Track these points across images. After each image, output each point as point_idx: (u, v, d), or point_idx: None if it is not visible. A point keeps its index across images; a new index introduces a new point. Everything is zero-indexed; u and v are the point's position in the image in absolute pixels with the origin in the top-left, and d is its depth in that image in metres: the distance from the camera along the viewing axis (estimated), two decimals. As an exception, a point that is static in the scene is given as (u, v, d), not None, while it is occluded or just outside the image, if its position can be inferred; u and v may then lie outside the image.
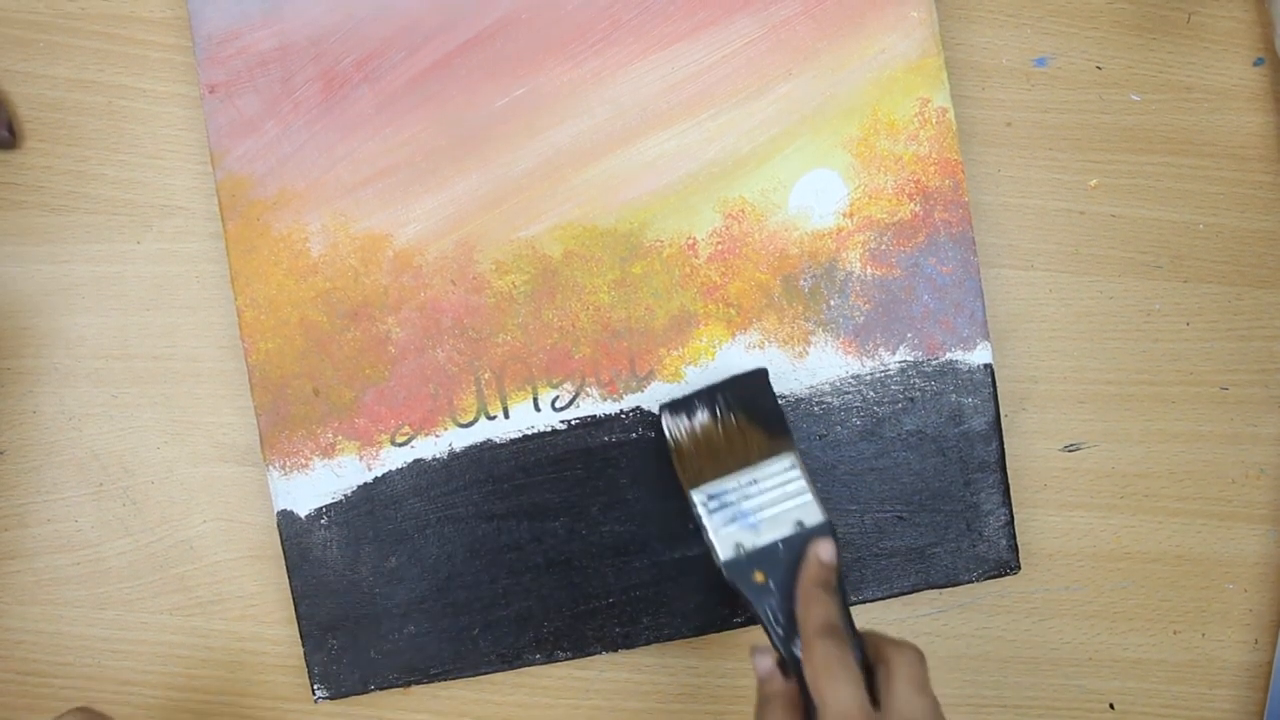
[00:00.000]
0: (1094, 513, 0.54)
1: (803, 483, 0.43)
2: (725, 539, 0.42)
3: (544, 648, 0.51)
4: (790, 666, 0.40)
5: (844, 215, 0.51)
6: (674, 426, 0.46)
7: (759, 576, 0.41)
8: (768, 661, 0.40)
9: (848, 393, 0.51)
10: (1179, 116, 0.55)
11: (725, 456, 0.44)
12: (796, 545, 0.42)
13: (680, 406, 0.46)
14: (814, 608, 0.39)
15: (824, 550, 0.41)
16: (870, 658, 0.39)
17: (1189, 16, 0.55)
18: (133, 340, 0.53)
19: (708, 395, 0.46)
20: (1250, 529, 0.55)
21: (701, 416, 0.46)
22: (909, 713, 0.37)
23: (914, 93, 0.51)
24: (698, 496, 0.43)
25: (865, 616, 0.54)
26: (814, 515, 0.42)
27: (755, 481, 0.43)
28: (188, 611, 0.53)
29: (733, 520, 0.43)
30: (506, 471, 0.51)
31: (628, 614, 0.51)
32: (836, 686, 0.36)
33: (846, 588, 0.41)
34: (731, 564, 0.42)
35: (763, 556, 0.42)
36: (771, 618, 0.41)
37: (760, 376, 0.47)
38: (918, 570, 0.51)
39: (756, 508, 0.43)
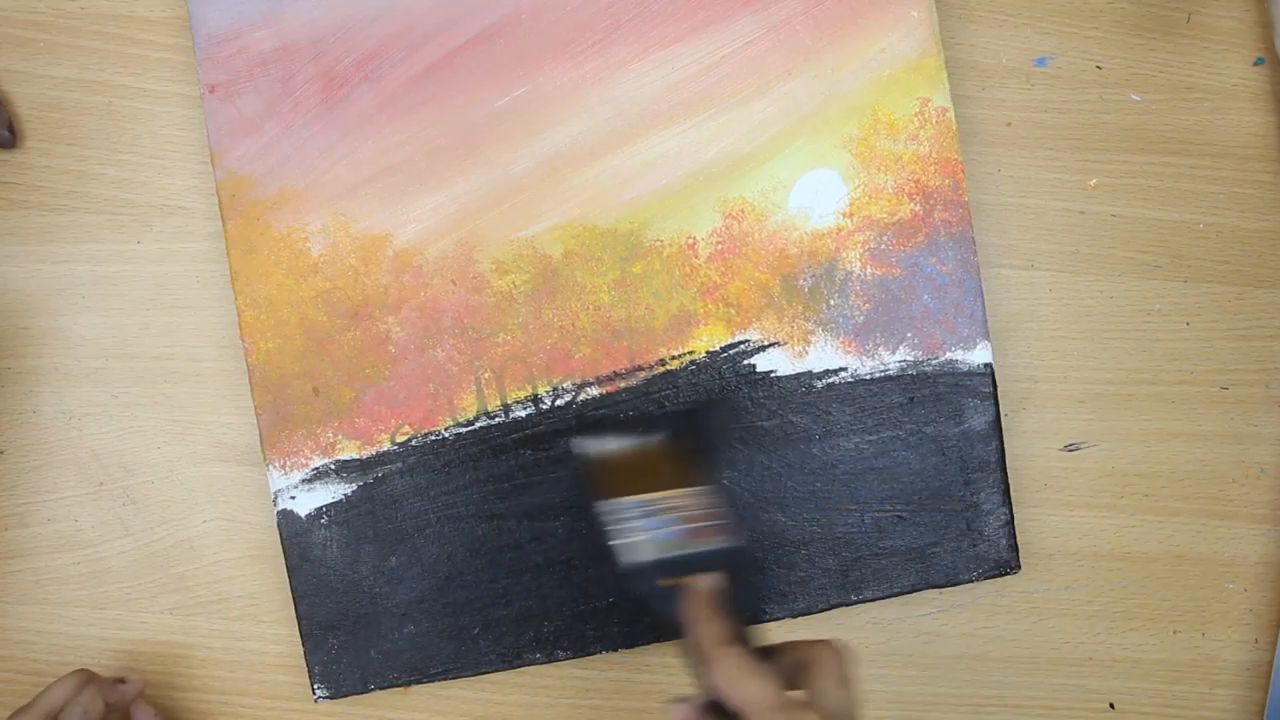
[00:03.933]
0: (1094, 513, 0.54)
1: (718, 511, 0.44)
2: (631, 548, 0.43)
3: (544, 647, 0.51)
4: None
5: (844, 215, 0.51)
6: (590, 445, 0.48)
7: (667, 581, 0.42)
8: (688, 706, 0.40)
9: (848, 392, 0.51)
10: (1179, 116, 0.55)
11: (640, 479, 0.45)
12: (698, 565, 0.42)
13: (600, 427, 0.48)
14: (706, 626, 0.40)
15: (705, 580, 0.42)
16: (792, 663, 0.39)
17: (1189, 16, 0.55)
18: (133, 340, 0.53)
19: (633, 422, 0.48)
20: (1250, 529, 0.55)
21: (619, 440, 0.48)
22: (829, 704, 0.37)
23: (914, 92, 0.51)
24: (607, 507, 0.44)
25: (865, 616, 0.54)
26: (713, 543, 0.43)
27: (675, 502, 0.44)
28: (188, 611, 0.53)
29: (643, 533, 0.43)
30: (506, 471, 0.51)
31: (628, 614, 0.51)
32: (748, 684, 0.37)
33: (744, 609, 0.41)
34: (634, 570, 0.43)
35: (670, 566, 0.43)
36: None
37: (708, 410, 0.49)
38: (918, 570, 0.51)
39: (666, 524, 0.44)
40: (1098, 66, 0.54)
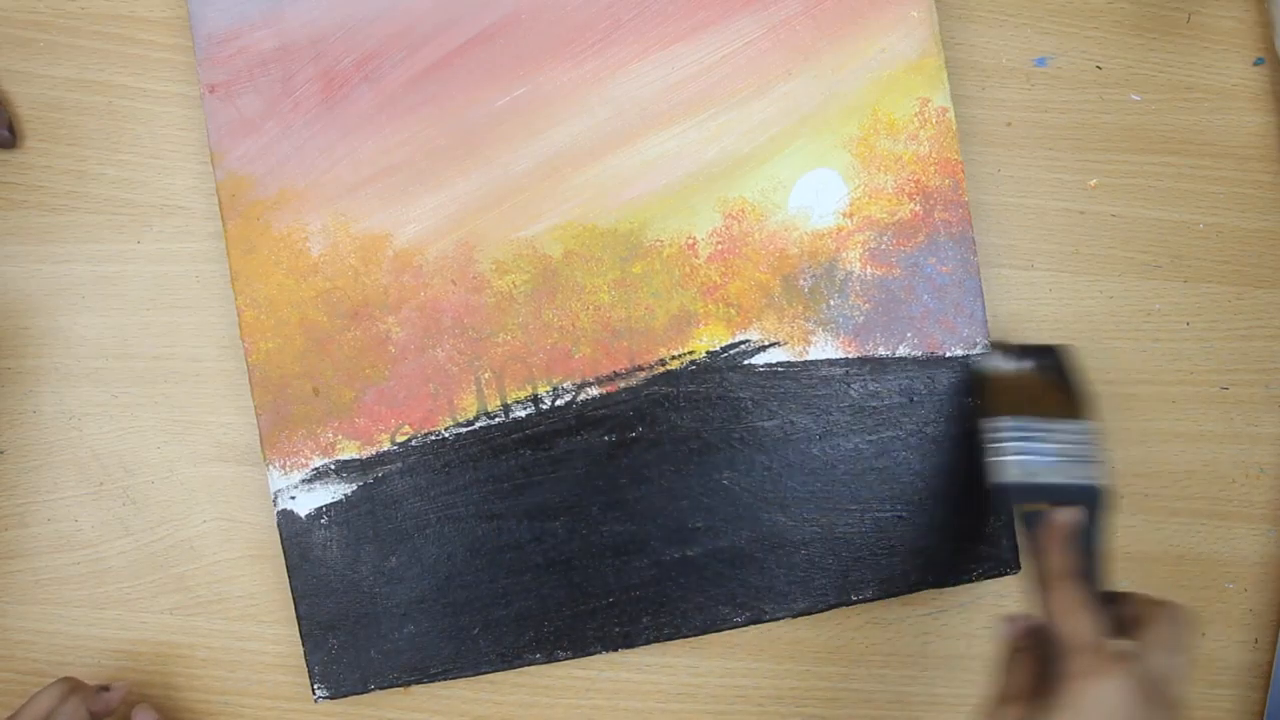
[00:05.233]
0: (1094, 513, 0.54)
1: (1094, 449, 0.45)
2: (1002, 466, 0.45)
3: (544, 647, 0.51)
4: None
5: (844, 215, 0.51)
6: (999, 361, 0.50)
7: (1030, 507, 0.44)
8: (1018, 624, 0.43)
9: (847, 392, 0.51)
10: (1179, 116, 0.55)
11: (1035, 403, 0.47)
12: (1065, 497, 0.44)
13: (1007, 349, 0.50)
14: (1056, 556, 0.42)
15: (1066, 513, 0.43)
16: (1131, 615, 0.41)
17: (1189, 16, 0.55)
18: (133, 340, 0.53)
19: (1033, 350, 0.50)
20: (1250, 529, 0.55)
21: (1025, 363, 0.50)
22: (1152, 664, 0.38)
23: (914, 93, 0.51)
24: (990, 424, 0.46)
25: (864, 616, 0.54)
26: (1089, 478, 0.45)
27: (1055, 431, 0.46)
28: (188, 611, 0.53)
29: (1016, 454, 0.45)
30: (506, 471, 0.51)
31: (628, 614, 0.51)
32: (1076, 619, 0.39)
33: (1097, 549, 0.43)
34: (1001, 488, 0.45)
35: (1034, 491, 0.44)
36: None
37: (1072, 353, 0.50)
38: (918, 570, 0.51)
39: (1050, 452, 0.45)
40: (1098, 66, 0.54)
